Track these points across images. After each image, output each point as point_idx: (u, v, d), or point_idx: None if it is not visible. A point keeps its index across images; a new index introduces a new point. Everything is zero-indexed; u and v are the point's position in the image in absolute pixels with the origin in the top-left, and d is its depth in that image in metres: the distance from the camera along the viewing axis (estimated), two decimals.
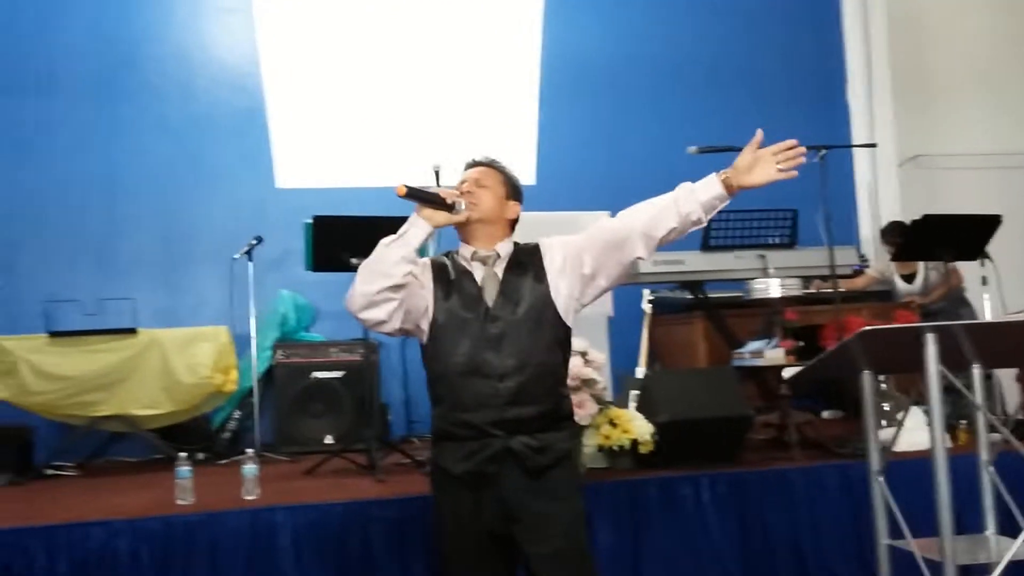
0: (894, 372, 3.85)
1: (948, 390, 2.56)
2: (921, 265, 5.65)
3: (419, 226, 2.32)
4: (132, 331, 4.70)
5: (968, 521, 2.70)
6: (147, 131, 5.92)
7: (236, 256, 5.09)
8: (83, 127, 5.83)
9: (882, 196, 6.79)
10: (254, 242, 5.09)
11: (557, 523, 2.31)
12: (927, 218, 4.64)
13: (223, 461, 4.69)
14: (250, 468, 3.45)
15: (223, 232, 5.67)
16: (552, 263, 2.39)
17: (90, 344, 4.65)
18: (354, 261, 2.37)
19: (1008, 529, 2.57)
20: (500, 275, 2.38)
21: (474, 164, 2.49)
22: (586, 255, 2.38)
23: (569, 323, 2.39)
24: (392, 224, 2.34)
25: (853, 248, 5.41)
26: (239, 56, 6.13)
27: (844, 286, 5.19)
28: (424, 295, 2.37)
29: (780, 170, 2.28)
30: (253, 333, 4.99)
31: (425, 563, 3.20)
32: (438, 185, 3.95)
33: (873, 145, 6.29)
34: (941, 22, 7.16)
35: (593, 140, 6.37)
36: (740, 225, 4.70)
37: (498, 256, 2.41)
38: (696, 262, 4.67)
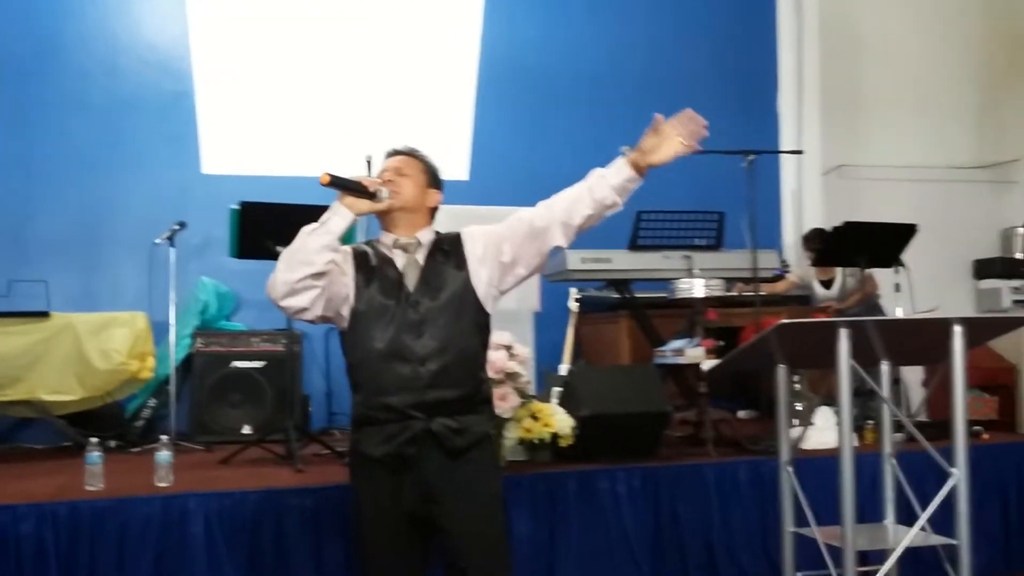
0: (808, 367, 3.96)
1: (858, 393, 2.65)
2: (839, 271, 5.81)
3: (341, 214, 2.33)
4: (44, 314, 4.53)
5: (869, 514, 2.81)
6: (68, 111, 5.74)
7: (157, 241, 4.97)
8: None
9: (806, 203, 6.96)
10: (176, 227, 4.98)
11: (476, 504, 2.34)
12: (847, 225, 4.78)
13: (135, 449, 4.57)
14: (163, 455, 3.37)
15: (145, 216, 5.51)
16: (473, 252, 2.41)
17: None
18: (280, 250, 2.35)
19: (906, 519, 2.67)
20: (421, 262, 2.40)
21: (395, 153, 2.51)
22: (506, 244, 2.41)
23: (489, 310, 2.42)
24: (320, 213, 2.33)
25: (775, 252, 5.55)
26: (169, 38, 5.99)
27: (765, 289, 5.31)
28: (346, 282, 2.37)
29: (683, 143, 2.31)
30: (172, 320, 4.87)
31: (341, 551, 3.18)
32: (370, 175, 3.93)
33: (800, 152, 6.45)
34: (873, 37, 7.34)
35: (527, 138, 6.40)
36: (668, 226, 4.78)
37: (419, 244, 2.43)
38: (624, 261, 4.74)
